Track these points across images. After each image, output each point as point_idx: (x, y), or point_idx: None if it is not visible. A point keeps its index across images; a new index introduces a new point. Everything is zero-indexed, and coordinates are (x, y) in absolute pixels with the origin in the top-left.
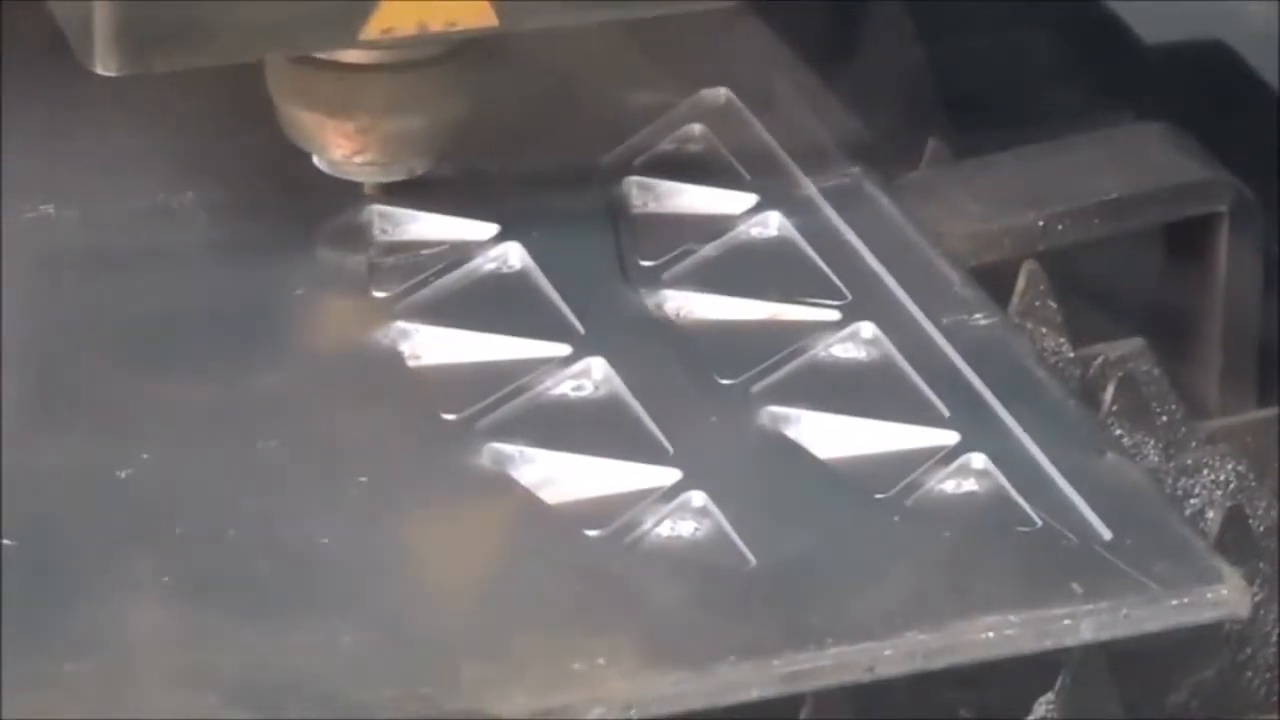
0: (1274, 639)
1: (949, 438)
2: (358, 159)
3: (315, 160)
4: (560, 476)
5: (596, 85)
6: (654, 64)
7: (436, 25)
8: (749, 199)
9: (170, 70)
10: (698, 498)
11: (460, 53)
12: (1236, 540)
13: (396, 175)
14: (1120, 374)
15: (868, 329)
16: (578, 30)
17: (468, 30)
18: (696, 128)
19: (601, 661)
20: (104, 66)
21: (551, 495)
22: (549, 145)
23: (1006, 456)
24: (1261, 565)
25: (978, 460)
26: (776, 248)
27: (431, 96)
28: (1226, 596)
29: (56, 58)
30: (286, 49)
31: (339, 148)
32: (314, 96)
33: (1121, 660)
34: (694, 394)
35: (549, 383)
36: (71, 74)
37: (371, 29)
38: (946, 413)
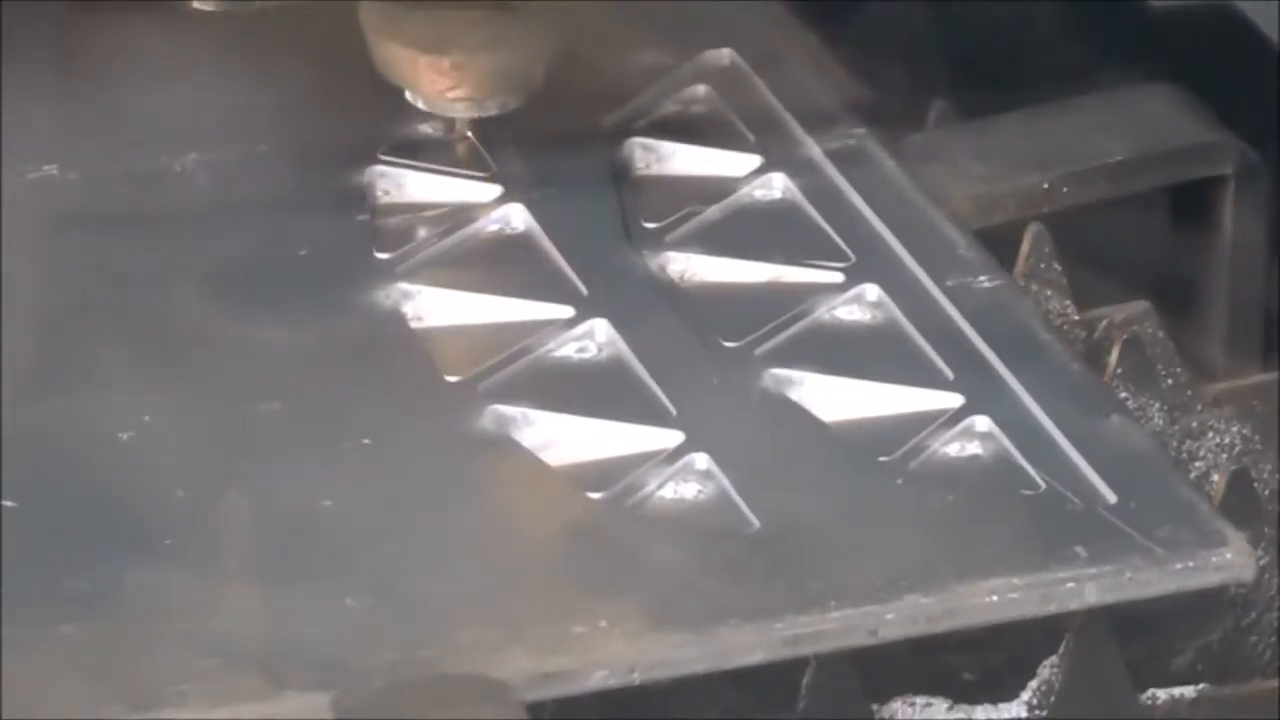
0: (1278, 603)
1: (953, 400)
2: (451, 94)
3: (408, 96)
4: (562, 438)
5: (600, 46)
6: (658, 25)
7: None
8: (753, 161)
9: (266, 3)
10: (701, 460)
11: None
12: (1241, 504)
13: (490, 110)
14: (1125, 337)
15: (872, 291)
16: None
17: None
18: (700, 89)
19: (604, 624)
20: None
21: (554, 457)
22: (552, 106)
23: (1011, 419)
24: (1266, 529)
25: (982, 423)
26: (780, 210)
27: (525, 33)
28: (1231, 560)
29: (60, 17)
30: None
31: (433, 84)
32: (408, 32)
33: (1125, 624)
34: (697, 356)
35: (552, 345)
36: (74, 34)
37: None
38: (951, 375)
